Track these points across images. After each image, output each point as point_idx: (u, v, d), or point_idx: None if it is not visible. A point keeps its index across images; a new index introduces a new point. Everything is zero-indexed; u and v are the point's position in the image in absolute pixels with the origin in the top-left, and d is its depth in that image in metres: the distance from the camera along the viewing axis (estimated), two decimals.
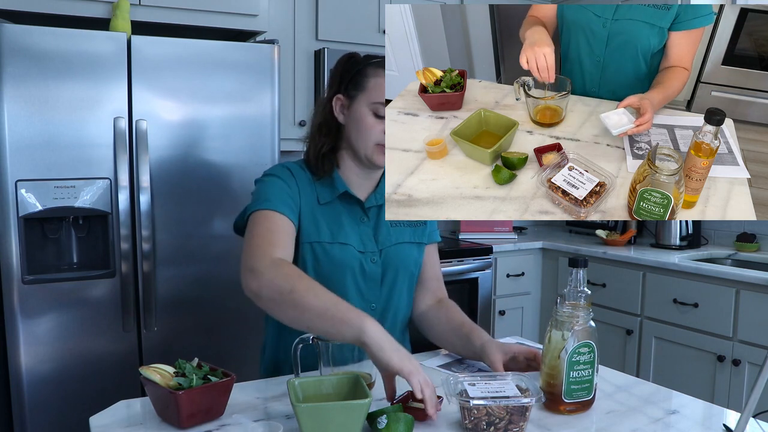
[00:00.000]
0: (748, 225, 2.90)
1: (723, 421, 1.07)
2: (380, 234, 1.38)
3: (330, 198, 1.34)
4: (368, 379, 1.14)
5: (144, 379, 1.03)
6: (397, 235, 1.39)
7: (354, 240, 1.34)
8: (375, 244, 1.37)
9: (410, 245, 1.41)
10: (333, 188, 1.35)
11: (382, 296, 1.38)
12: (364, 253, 1.35)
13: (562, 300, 1.10)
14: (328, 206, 1.34)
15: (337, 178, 1.35)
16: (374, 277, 1.36)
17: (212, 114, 2.15)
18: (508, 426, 0.98)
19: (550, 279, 3.16)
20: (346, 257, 1.33)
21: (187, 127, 2.12)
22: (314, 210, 1.33)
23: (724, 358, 2.37)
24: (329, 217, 1.34)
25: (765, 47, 1.59)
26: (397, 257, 1.38)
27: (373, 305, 1.37)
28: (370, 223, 1.37)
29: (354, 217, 1.36)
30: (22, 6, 2.03)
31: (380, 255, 1.37)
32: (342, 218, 1.35)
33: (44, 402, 1.98)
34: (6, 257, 1.92)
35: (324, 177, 1.35)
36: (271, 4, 2.57)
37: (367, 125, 1.29)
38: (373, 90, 1.29)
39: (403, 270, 1.39)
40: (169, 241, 2.12)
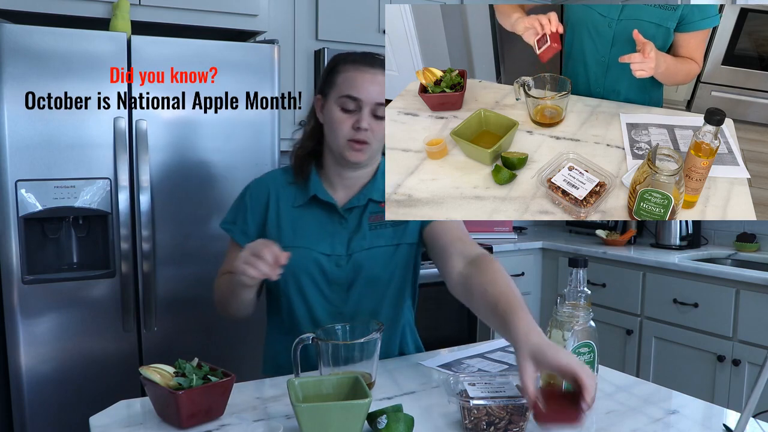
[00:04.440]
0: (748, 225, 2.90)
1: (723, 421, 1.07)
2: (356, 238, 1.34)
3: (302, 201, 1.34)
4: (368, 379, 1.14)
5: (144, 379, 1.03)
6: (374, 239, 1.35)
7: (319, 243, 1.33)
8: (345, 248, 1.34)
9: (387, 248, 1.36)
10: (306, 191, 1.35)
11: (350, 301, 1.35)
12: (330, 256, 1.33)
13: (562, 300, 1.10)
14: (302, 209, 1.35)
15: (313, 180, 1.35)
16: (339, 281, 1.34)
17: (212, 114, 2.14)
18: (508, 426, 0.98)
19: (550, 279, 3.16)
20: (304, 261, 1.31)
21: (187, 127, 2.12)
22: (283, 214, 1.35)
23: (724, 358, 2.37)
24: (299, 220, 1.34)
25: (765, 47, 1.59)
26: (368, 262, 1.34)
27: (340, 310, 1.34)
28: (348, 225, 1.35)
29: (328, 219, 1.34)
30: (22, 6, 2.03)
31: (348, 259, 1.33)
32: (314, 221, 1.34)
33: (44, 402, 1.98)
34: (6, 257, 1.92)
35: (300, 181, 1.35)
36: (271, 4, 2.57)
37: (335, 120, 1.28)
38: (342, 84, 1.28)
39: (377, 275, 1.35)
40: (168, 241, 2.12)
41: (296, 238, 1.33)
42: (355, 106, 1.27)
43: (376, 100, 1.27)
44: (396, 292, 1.40)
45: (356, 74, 1.28)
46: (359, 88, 1.27)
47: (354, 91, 1.27)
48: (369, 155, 1.31)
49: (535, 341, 0.95)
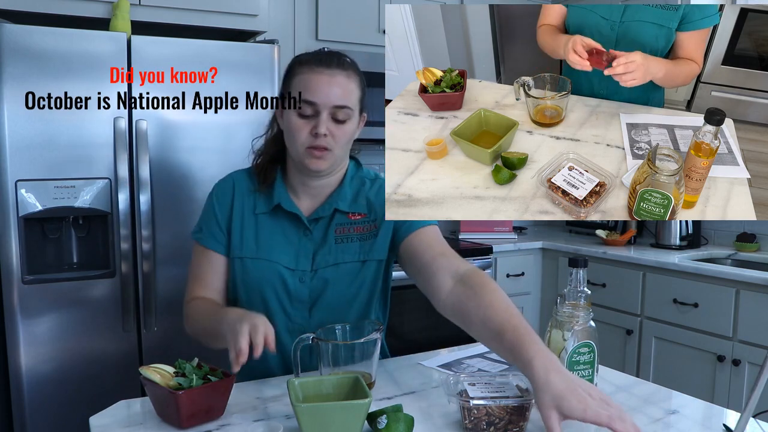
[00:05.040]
0: (748, 225, 2.90)
1: (723, 421, 1.07)
2: (321, 252, 1.26)
3: (265, 209, 1.28)
4: (368, 379, 1.14)
5: (144, 379, 1.03)
6: (340, 254, 1.26)
7: (283, 256, 1.25)
8: (310, 262, 1.26)
9: (353, 265, 1.27)
10: (270, 199, 1.28)
11: (312, 320, 1.27)
12: (294, 271, 1.25)
13: (562, 300, 1.10)
14: (264, 217, 1.28)
15: (277, 188, 1.28)
16: (301, 298, 1.26)
17: (212, 114, 2.14)
18: (508, 426, 0.98)
19: (550, 279, 3.16)
20: (267, 274, 1.25)
21: (187, 127, 2.12)
22: (246, 222, 1.28)
23: (724, 358, 2.37)
24: (262, 229, 1.27)
25: (765, 47, 1.59)
26: (333, 279, 1.26)
27: (302, 328, 1.25)
28: (313, 237, 1.27)
29: (293, 230, 1.27)
30: (22, 6, 2.03)
31: (313, 276, 1.26)
32: (276, 231, 1.27)
33: (44, 402, 1.98)
34: (6, 257, 1.92)
35: (264, 189, 1.29)
36: (271, 4, 2.57)
37: (292, 127, 1.20)
38: (298, 86, 1.19)
39: (341, 292, 1.26)
40: (169, 241, 2.11)
41: (259, 250, 1.26)
42: (312, 111, 1.18)
43: (334, 102, 1.18)
44: (361, 309, 1.31)
45: (311, 76, 1.19)
46: (314, 90, 1.17)
47: (309, 94, 1.18)
48: (330, 162, 1.22)
49: (556, 387, 0.89)
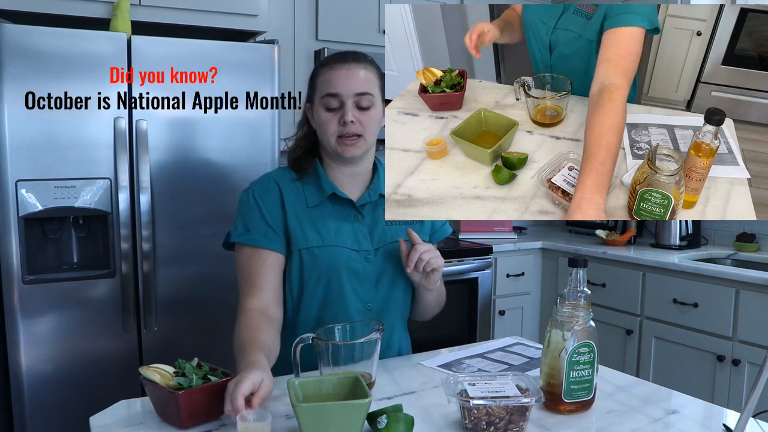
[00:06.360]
0: (748, 225, 2.90)
1: (723, 421, 1.07)
2: (376, 232, 1.36)
3: (318, 200, 1.34)
4: (368, 378, 1.14)
5: (144, 379, 1.03)
6: (394, 233, 1.37)
7: (347, 240, 1.33)
8: (371, 242, 1.35)
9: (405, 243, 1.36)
10: (321, 190, 1.34)
11: (378, 296, 1.36)
12: (359, 251, 1.34)
13: (562, 300, 1.10)
14: (317, 209, 1.34)
15: (324, 179, 1.35)
16: (369, 276, 1.35)
17: (212, 114, 2.14)
18: (508, 426, 0.98)
19: (550, 279, 3.16)
20: (339, 259, 1.32)
21: (187, 127, 2.12)
22: (302, 215, 1.33)
23: (724, 358, 2.37)
24: (319, 219, 1.33)
25: (765, 47, 1.59)
26: (394, 256, 1.36)
27: (369, 305, 1.35)
28: (365, 221, 1.36)
29: (347, 216, 1.35)
30: (22, 6, 2.03)
31: (375, 254, 1.35)
32: (333, 219, 1.34)
33: (44, 402, 1.98)
34: (6, 257, 1.92)
35: (306, 176, 1.35)
36: (271, 4, 2.57)
37: (322, 121, 1.30)
38: (321, 86, 1.30)
39: (399, 269, 1.36)
40: (169, 241, 2.11)
41: (324, 238, 1.32)
42: (338, 103, 1.28)
43: (355, 90, 1.27)
44: (405, 287, 1.41)
45: (331, 72, 1.29)
46: (336, 83, 1.28)
47: (332, 87, 1.28)
48: (363, 148, 1.31)
49: None
